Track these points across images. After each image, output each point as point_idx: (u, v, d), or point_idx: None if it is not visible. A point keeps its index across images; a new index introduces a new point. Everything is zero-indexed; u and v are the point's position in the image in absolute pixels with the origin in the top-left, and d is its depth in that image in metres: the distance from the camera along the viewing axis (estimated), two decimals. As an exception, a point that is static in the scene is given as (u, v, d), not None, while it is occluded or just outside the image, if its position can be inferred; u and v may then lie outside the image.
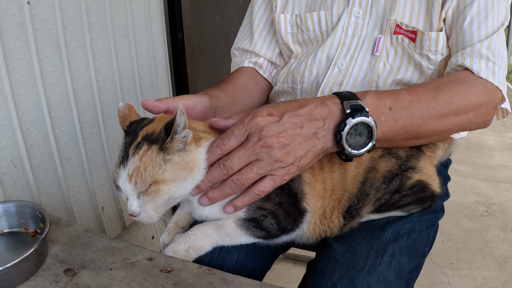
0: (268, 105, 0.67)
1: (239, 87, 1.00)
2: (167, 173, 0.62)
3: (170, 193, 0.63)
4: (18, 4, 0.95)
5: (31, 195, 1.05)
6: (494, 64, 0.79)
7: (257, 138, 0.63)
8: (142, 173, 0.62)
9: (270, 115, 0.64)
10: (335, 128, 0.67)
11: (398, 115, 0.71)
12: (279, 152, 0.64)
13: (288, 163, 0.65)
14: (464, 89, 0.75)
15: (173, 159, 0.63)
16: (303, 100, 0.68)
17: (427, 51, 0.86)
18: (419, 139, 0.76)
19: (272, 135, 0.63)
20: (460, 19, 0.83)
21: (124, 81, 1.32)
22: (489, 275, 1.75)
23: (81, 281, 0.64)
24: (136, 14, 1.33)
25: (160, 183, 0.62)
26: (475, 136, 3.18)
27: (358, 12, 0.93)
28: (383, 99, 0.71)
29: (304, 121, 0.65)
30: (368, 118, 0.66)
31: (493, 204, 2.28)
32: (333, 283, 0.72)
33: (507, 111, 0.85)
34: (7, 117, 0.96)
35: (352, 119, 0.65)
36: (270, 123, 0.64)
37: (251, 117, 0.64)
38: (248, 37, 1.08)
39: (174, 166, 0.63)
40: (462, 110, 0.75)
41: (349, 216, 0.77)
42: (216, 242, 0.75)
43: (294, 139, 0.65)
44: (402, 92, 0.73)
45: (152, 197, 0.63)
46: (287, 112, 0.65)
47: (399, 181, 0.77)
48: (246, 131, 0.64)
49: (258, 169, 0.65)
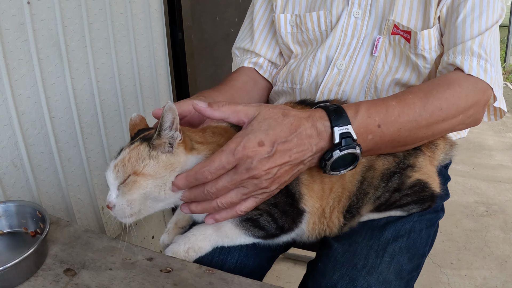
0: (258, 131, 0.63)
1: (237, 88, 1.00)
2: (148, 168, 0.63)
3: (146, 188, 0.63)
4: (18, 4, 0.95)
5: (31, 195, 1.05)
6: (486, 61, 0.78)
7: (245, 170, 0.62)
8: (125, 163, 0.63)
9: (261, 145, 0.61)
10: (322, 153, 0.67)
11: (386, 131, 0.70)
12: (265, 182, 0.64)
13: (272, 189, 0.66)
14: (454, 93, 0.74)
15: (158, 156, 0.64)
16: (295, 122, 0.64)
17: (422, 50, 0.86)
18: (405, 147, 0.77)
19: (262, 167, 0.62)
20: (453, 16, 0.82)
21: (124, 81, 1.32)
22: (489, 275, 1.75)
23: (81, 281, 0.64)
24: (136, 14, 1.33)
25: (139, 175, 0.63)
26: (475, 136, 3.18)
27: (357, 13, 0.93)
28: (373, 116, 0.70)
29: (293, 149, 0.64)
30: (355, 149, 0.66)
31: (493, 204, 2.28)
32: (334, 283, 0.72)
33: (503, 111, 0.84)
34: (7, 117, 0.96)
35: (339, 151, 0.65)
36: (261, 155, 0.61)
37: (242, 147, 0.61)
38: (249, 37, 1.08)
39: (158, 164, 0.63)
40: (451, 115, 0.74)
41: (349, 216, 0.77)
42: (216, 242, 0.75)
43: (282, 168, 0.64)
44: (392, 103, 0.71)
45: (128, 188, 0.63)
46: (278, 140, 0.62)
47: (398, 179, 0.77)
48: (236, 161, 0.61)
49: (242, 195, 0.65)
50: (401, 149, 0.77)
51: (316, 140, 0.65)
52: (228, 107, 0.65)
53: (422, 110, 0.72)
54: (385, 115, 0.70)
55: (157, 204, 0.66)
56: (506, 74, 5.03)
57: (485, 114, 0.87)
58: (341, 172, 0.69)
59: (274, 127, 0.63)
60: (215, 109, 0.65)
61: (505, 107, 0.83)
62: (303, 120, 0.65)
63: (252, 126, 0.63)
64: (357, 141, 0.67)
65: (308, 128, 0.65)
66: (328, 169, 0.67)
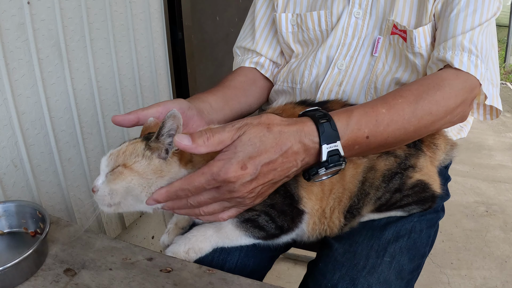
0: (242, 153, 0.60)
1: (232, 87, 0.99)
2: (138, 165, 0.63)
3: (130, 183, 0.63)
4: (18, 4, 0.94)
5: (31, 195, 1.05)
6: (476, 57, 0.77)
7: (228, 192, 0.61)
8: (120, 154, 0.65)
9: (244, 169, 0.59)
10: (307, 167, 0.66)
11: (374, 141, 0.69)
12: (249, 200, 0.64)
13: (255, 203, 0.67)
14: (444, 94, 0.73)
15: (152, 158, 0.64)
16: (281, 139, 0.61)
17: (419, 48, 0.85)
18: (388, 149, 0.76)
19: (245, 190, 0.61)
20: (447, 11, 0.81)
21: (124, 81, 1.32)
22: (489, 275, 1.75)
23: (81, 281, 0.64)
24: (136, 14, 1.33)
25: (127, 168, 0.63)
26: (475, 136, 3.18)
27: (358, 13, 0.93)
28: (363, 128, 0.68)
29: (278, 167, 0.62)
30: (341, 166, 0.65)
31: (493, 204, 2.28)
32: (334, 283, 0.72)
33: (499, 110, 0.84)
34: (7, 117, 0.96)
35: (325, 169, 0.64)
36: (243, 179, 0.59)
37: (223, 173, 0.58)
38: (250, 36, 1.08)
39: (149, 165, 0.64)
40: (439, 117, 0.73)
41: (350, 216, 0.77)
42: (216, 243, 0.75)
43: (266, 185, 0.64)
44: (382, 111, 0.70)
45: (113, 177, 0.64)
46: (262, 161, 0.60)
47: (399, 180, 0.76)
48: (217, 184, 0.60)
49: (224, 207, 0.66)
50: (383, 151, 0.77)
51: (302, 156, 0.64)
52: (213, 139, 0.60)
53: (411, 117, 0.71)
54: (374, 125, 0.69)
55: (137, 203, 0.66)
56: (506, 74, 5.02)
57: (481, 113, 0.87)
58: (323, 179, 0.69)
59: (258, 148, 0.60)
60: (201, 144, 0.60)
61: (500, 105, 0.82)
62: (289, 136, 0.62)
63: (235, 147, 0.60)
64: (345, 153, 0.66)
65: (294, 145, 0.62)
66: (310, 179, 0.67)
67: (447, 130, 0.90)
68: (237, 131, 0.61)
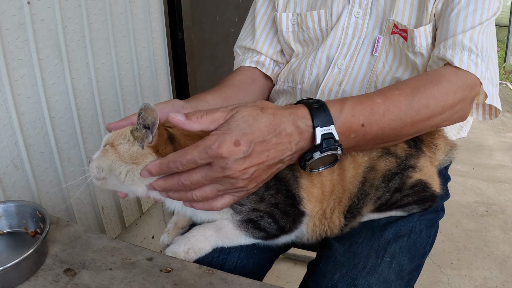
0: (235, 129, 0.60)
1: (231, 86, 0.99)
2: (121, 147, 0.66)
3: (110, 161, 0.66)
4: (18, 4, 0.94)
5: (31, 195, 1.05)
6: (477, 56, 0.76)
7: (220, 169, 0.60)
8: (113, 135, 0.69)
9: (237, 145, 0.59)
10: (302, 152, 0.65)
11: (370, 130, 0.69)
12: (242, 182, 0.62)
13: (249, 188, 0.64)
14: (441, 89, 0.72)
15: (133, 144, 0.66)
16: (274, 120, 0.62)
17: (419, 47, 0.85)
18: (387, 143, 0.75)
19: (237, 168, 0.60)
20: (448, 10, 0.81)
21: (124, 81, 1.32)
22: (489, 275, 1.75)
23: (81, 281, 0.64)
24: (136, 14, 1.33)
25: (112, 147, 0.67)
26: (475, 136, 3.18)
27: (358, 13, 0.93)
28: (358, 115, 0.67)
29: (271, 148, 0.61)
30: (336, 150, 0.64)
31: (493, 204, 2.28)
32: (334, 283, 0.72)
33: (498, 110, 0.83)
34: (7, 117, 0.96)
35: (320, 153, 0.64)
36: (237, 155, 0.59)
37: (216, 146, 0.58)
38: (250, 35, 1.08)
39: (129, 150, 0.66)
40: (437, 112, 0.72)
41: (350, 216, 0.77)
42: (216, 243, 0.75)
43: (259, 168, 0.62)
44: (378, 101, 0.69)
45: (102, 154, 0.68)
46: (255, 139, 0.60)
47: (399, 180, 0.76)
48: (209, 159, 0.59)
49: (218, 192, 0.64)
50: (383, 146, 0.76)
51: (297, 139, 0.63)
52: (207, 117, 0.62)
53: (408, 108, 0.70)
54: (369, 113, 0.68)
55: (120, 184, 0.68)
56: (506, 74, 5.02)
57: (480, 113, 0.86)
58: (320, 170, 0.68)
59: (252, 125, 0.60)
60: (194, 121, 0.61)
61: (499, 105, 0.82)
62: (283, 118, 0.62)
63: (229, 124, 0.61)
64: (339, 141, 0.65)
65: (288, 127, 0.62)
66: (307, 168, 0.66)
67: (446, 130, 0.90)
68: (230, 111, 0.62)
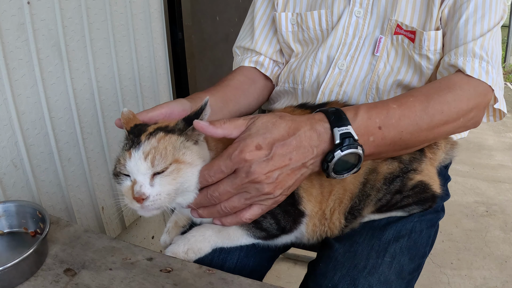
0: (256, 134, 0.63)
1: (231, 87, 0.99)
2: (187, 156, 0.64)
3: (187, 176, 0.63)
4: (18, 4, 0.94)
5: (31, 195, 1.05)
6: (487, 63, 0.78)
7: (245, 174, 0.61)
8: (162, 151, 0.62)
9: (259, 149, 0.61)
10: (323, 156, 0.66)
11: (387, 134, 0.70)
12: (268, 187, 0.63)
13: (276, 195, 0.65)
14: (455, 96, 0.74)
15: (191, 146, 0.65)
16: (293, 124, 0.64)
17: (427, 51, 0.86)
18: (406, 150, 0.76)
19: (261, 171, 0.61)
20: (456, 17, 0.82)
21: (124, 81, 1.32)
22: (489, 275, 1.75)
23: (81, 281, 0.64)
24: (136, 14, 1.33)
25: (181, 163, 0.63)
26: (475, 136, 3.18)
27: (359, 12, 0.93)
28: (374, 118, 0.69)
29: (293, 151, 0.63)
30: (357, 149, 0.65)
31: (493, 204, 2.28)
32: (334, 283, 0.72)
33: (503, 112, 0.84)
34: (7, 117, 0.96)
35: (341, 151, 0.64)
36: (259, 158, 0.61)
37: (239, 152, 0.61)
38: (249, 35, 1.08)
39: (193, 152, 0.65)
40: (452, 118, 0.74)
41: (351, 217, 0.77)
42: (216, 244, 0.75)
43: (283, 172, 0.63)
44: (393, 106, 0.71)
45: (172, 177, 0.62)
46: (276, 142, 0.62)
47: (400, 182, 0.76)
48: (234, 165, 0.62)
49: (245, 200, 0.65)
50: (404, 152, 0.77)
51: (317, 142, 0.65)
52: (230, 123, 0.64)
53: (423, 114, 0.71)
54: (385, 117, 0.70)
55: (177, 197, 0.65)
56: (506, 74, 5.03)
57: (485, 115, 0.87)
58: (344, 175, 0.68)
59: (272, 130, 0.63)
60: (218, 127, 0.64)
61: (505, 108, 0.83)
62: (301, 123, 0.65)
63: (249, 130, 0.63)
64: (359, 141, 0.66)
65: (307, 131, 0.64)
66: (330, 171, 0.67)
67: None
68: (250, 119, 0.66)
